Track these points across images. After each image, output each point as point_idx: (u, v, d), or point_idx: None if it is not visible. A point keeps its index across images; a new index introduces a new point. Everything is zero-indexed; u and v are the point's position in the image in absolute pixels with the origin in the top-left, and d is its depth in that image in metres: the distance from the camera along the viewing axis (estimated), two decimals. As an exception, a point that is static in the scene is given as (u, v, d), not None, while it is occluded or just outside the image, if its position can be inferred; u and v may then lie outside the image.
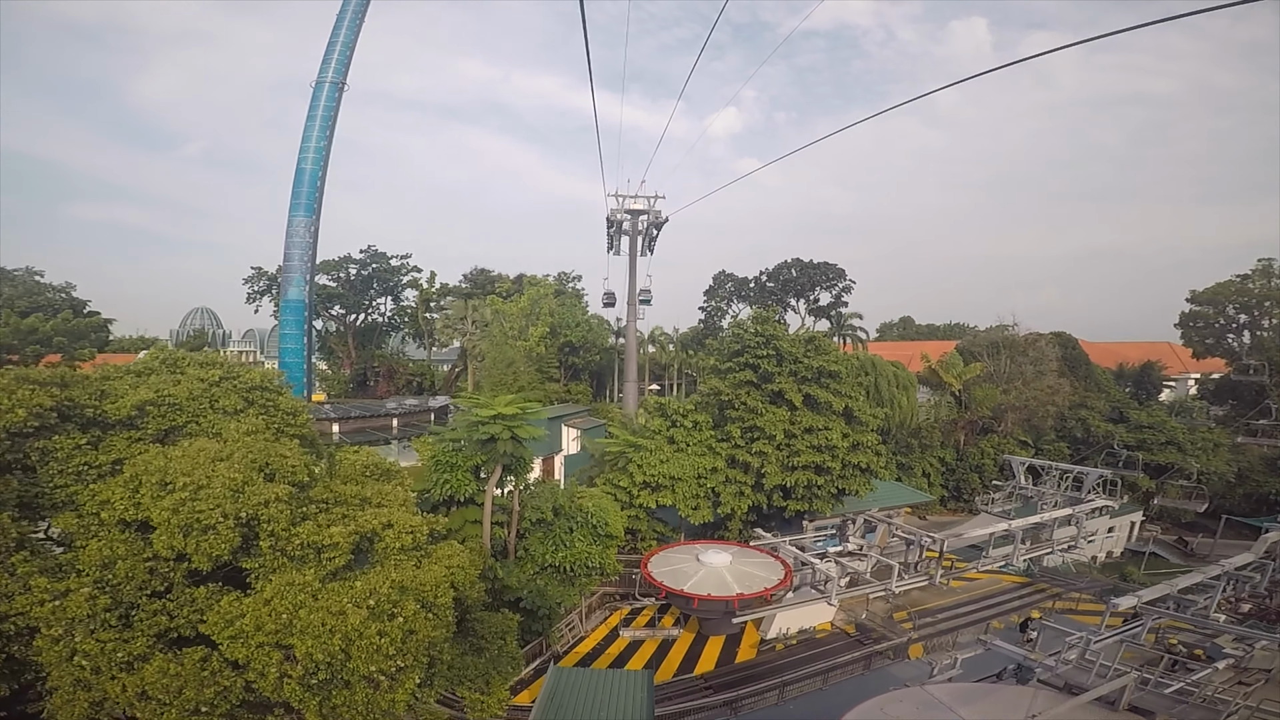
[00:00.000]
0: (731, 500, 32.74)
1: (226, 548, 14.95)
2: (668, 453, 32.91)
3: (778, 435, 31.08)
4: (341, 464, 22.19)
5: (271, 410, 20.62)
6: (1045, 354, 65.57)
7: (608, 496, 34.48)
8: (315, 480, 18.59)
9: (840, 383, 33.47)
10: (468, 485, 27.30)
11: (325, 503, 17.86)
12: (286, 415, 20.79)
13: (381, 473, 21.47)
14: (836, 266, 76.10)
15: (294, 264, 62.10)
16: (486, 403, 25.89)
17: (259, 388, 20.78)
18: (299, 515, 16.38)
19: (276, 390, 21.43)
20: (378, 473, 21.39)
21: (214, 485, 14.94)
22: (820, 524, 40.16)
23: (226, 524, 14.78)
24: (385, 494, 19.57)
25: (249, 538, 15.79)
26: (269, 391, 21.06)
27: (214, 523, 14.70)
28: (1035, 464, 43.57)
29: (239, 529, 15.16)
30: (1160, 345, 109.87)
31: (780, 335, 32.96)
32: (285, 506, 15.75)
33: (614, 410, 68.73)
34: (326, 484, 18.71)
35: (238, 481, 15.24)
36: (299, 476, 16.97)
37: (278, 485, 15.97)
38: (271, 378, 21.91)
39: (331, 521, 17.45)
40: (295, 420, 21.02)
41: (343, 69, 69.62)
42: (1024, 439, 63.98)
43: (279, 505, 15.57)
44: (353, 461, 22.03)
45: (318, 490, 17.76)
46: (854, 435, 32.95)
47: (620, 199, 64.82)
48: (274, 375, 22.16)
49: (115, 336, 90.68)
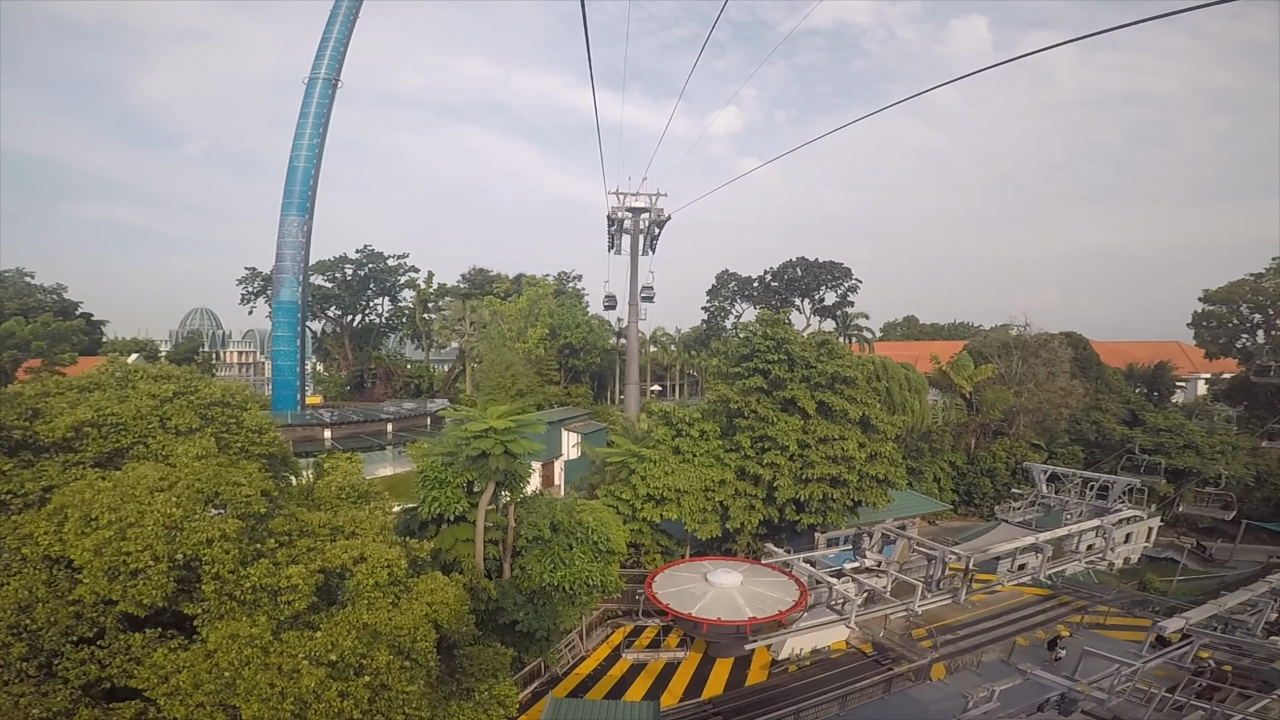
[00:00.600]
0: (741, 514, 30.37)
1: (158, 594, 12.61)
2: (673, 464, 30.56)
3: (790, 446, 28.68)
4: (317, 486, 19.87)
5: (233, 429, 18.24)
6: (1058, 355, 63.15)
7: (609, 509, 32.12)
8: (277, 509, 16.25)
9: (856, 389, 31.11)
10: (458, 503, 24.95)
11: (288, 535, 15.50)
12: (250, 434, 18.41)
13: (358, 495, 19.12)
14: (842, 265, 73.74)
15: (286, 264, 59.77)
16: (477, 415, 23.53)
17: (219, 403, 18.39)
18: (251, 553, 14.01)
19: (240, 405, 19.01)
20: (354, 495, 19.05)
21: (145, 522, 12.58)
22: (833, 536, 37.86)
23: (158, 568, 12.43)
24: (359, 521, 17.21)
25: (189, 580, 13.47)
26: (231, 408, 18.67)
27: (142, 566, 12.36)
28: (1058, 471, 41.10)
29: (175, 572, 12.84)
30: (1169, 345, 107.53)
31: (791, 338, 30.60)
32: (233, 545, 13.38)
33: (615, 413, 66.35)
34: (292, 512, 16.37)
35: (175, 517, 12.88)
36: (254, 507, 14.60)
37: (225, 520, 13.61)
38: (236, 391, 19.49)
39: (294, 558, 15.08)
40: (261, 439, 18.64)
41: (336, 65, 67.24)
42: (1036, 442, 61.57)
43: (225, 544, 13.20)
44: (328, 482, 19.69)
45: (278, 522, 15.39)
46: (871, 445, 30.58)
47: (621, 197, 62.41)
48: (238, 389, 19.73)
49: (109, 338, 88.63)
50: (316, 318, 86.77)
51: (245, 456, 17.65)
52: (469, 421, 22.92)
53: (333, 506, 18.73)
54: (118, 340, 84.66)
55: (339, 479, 19.15)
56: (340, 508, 18.70)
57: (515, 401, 57.36)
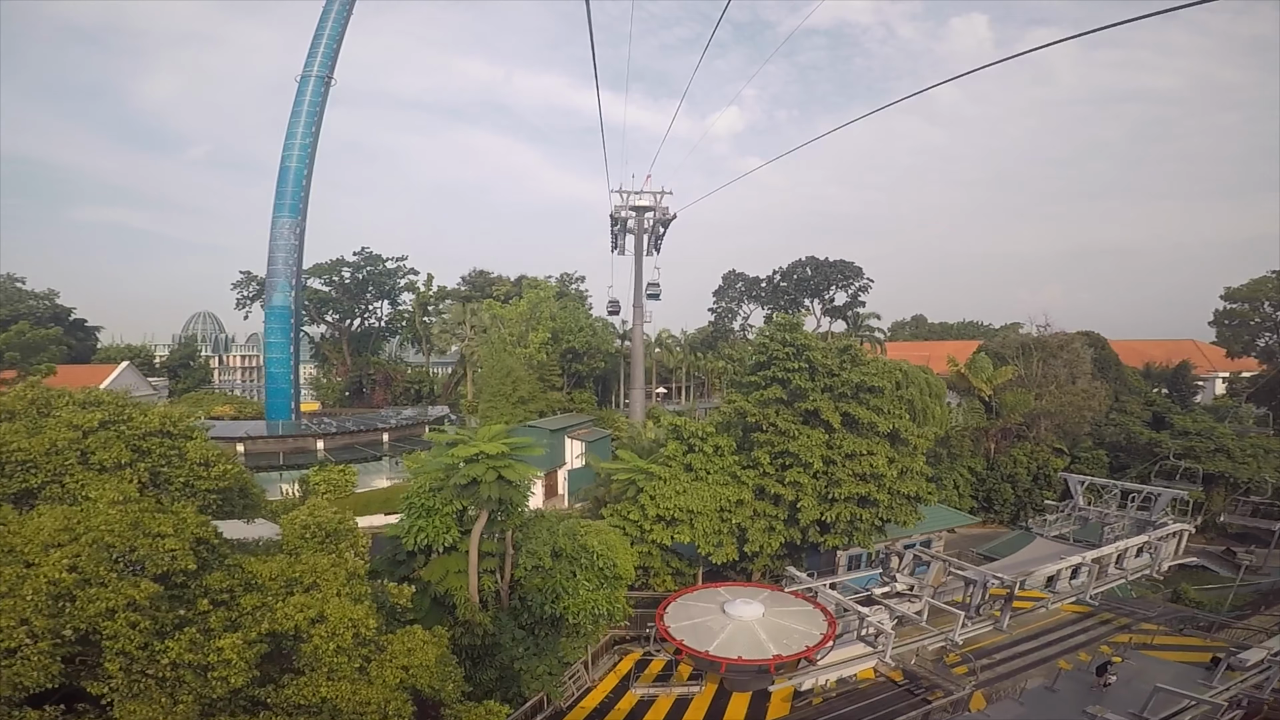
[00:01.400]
0: (760, 537, 27.42)
1: (40, 676, 9.75)
2: (684, 482, 27.63)
3: (814, 463, 25.71)
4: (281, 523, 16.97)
5: (174, 462, 15.35)
6: (1080, 356, 60.08)
7: (615, 531, 29.20)
8: (219, 559, 13.36)
9: (882, 399, 28.16)
10: (447, 533, 22.05)
11: (228, 592, 12.63)
12: (196, 468, 15.51)
13: (325, 534, 16.23)
14: (853, 265, 70.66)
15: (278, 268, 56.97)
16: (466, 437, 20.61)
17: (157, 434, 15.50)
18: (173, 621, 11.14)
19: (184, 434, 16.09)
20: (320, 534, 16.16)
21: (24, 590, 9.73)
22: (856, 554, 34.92)
23: (37, 647, 9.59)
24: (321, 571, 14.33)
25: (89, 655, 10.64)
26: (171, 438, 15.75)
27: (17, 644, 9.53)
28: (1097, 482, 38.03)
29: (64, 649, 9.99)
30: (1184, 343, 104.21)
31: (812, 345, 27.66)
32: (144, 616, 10.52)
33: (620, 419, 63.39)
34: (236, 562, 13.50)
35: (66, 583, 10.02)
36: (181, 563, 11.73)
37: (138, 583, 10.75)
38: (180, 419, 16.53)
39: (232, 621, 12.18)
40: (208, 473, 15.73)
41: (329, 63, 64.48)
42: (1058, 446, 58.45)
43: (132, 615, 10.32)
44: (291, 518, 16.78)
45: (216, 577, 12.50)
46: (901, 460, 27.63)
47: (625, 195, 59.49)
48: (182, 416, 16.74)
49: (104, 345, 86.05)
50: (314, 322, 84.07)
51: (188, 495, 14.77)
52: (457, 445, 19.99)
53: (294, 549, 15.86)
54: (112, 347, 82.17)
55: (303, 516, 16.23)
56: (303, 550, 15.83)
57: (517, 409, 54.55)
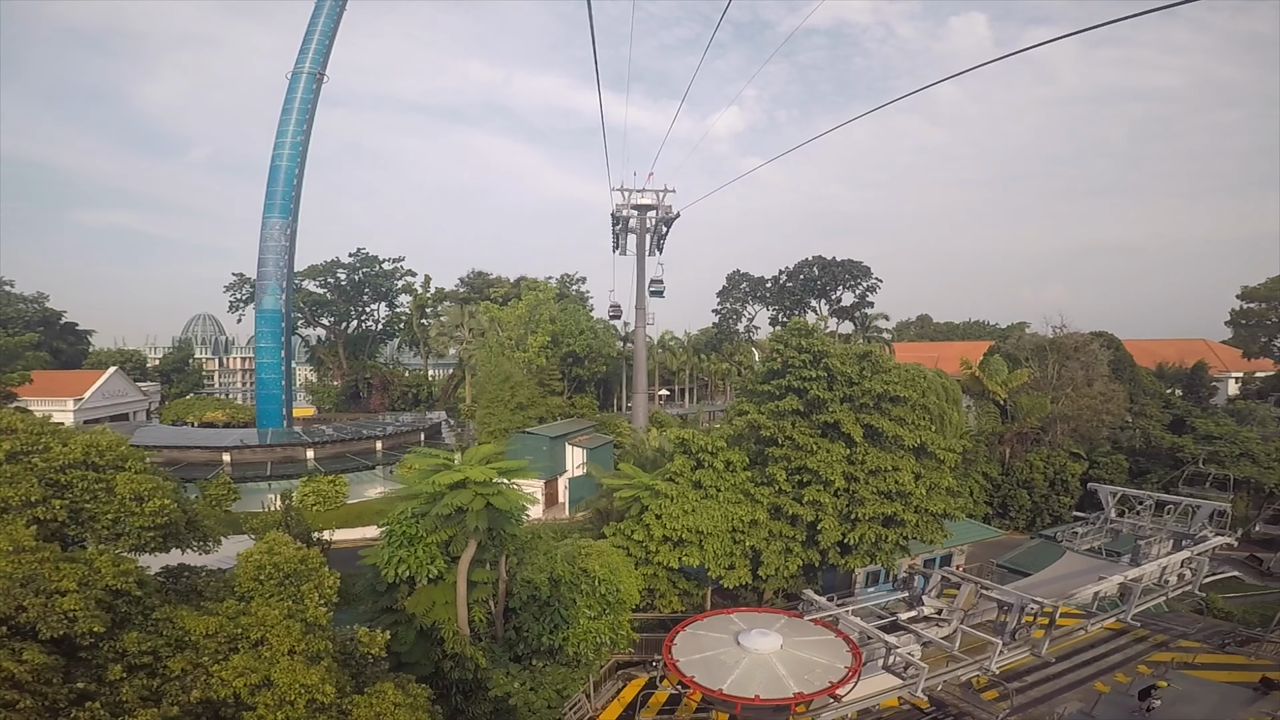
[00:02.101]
0: (775, 559, 25.06)
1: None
2: (693, 500, 25.26)
3: (836, 480, 23.37)
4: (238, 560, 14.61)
5: (99, 498, 12.96)
6: (1098, 357, 57.68)
7: (619, 552, 26.86)
8: (145, 613, 11.04)
9: (906, 409, 25.80)
10: (432, 563, 19.71)
11: (150, 655, 10.32)
12: (127, 503, 13.13)
13: (284, 576, 13.89)
14: (862, 264, 68.27)
15: (269, 270, 54.73)
16: (450, 460, 18.25)
17: (80, 465, 13.09)
18: (67, 697, 8.85)
19: (114, 465, 13.65)
20: (277, 576, 13.82)
21: None
22: (873, 570, 32.57)
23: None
24: (271, 623, 12.02)
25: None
26: (97, 470, 13.32)
27: None
28: (1130, 494, 35.55)
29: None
30: (1195, 343, 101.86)
31: (831, 350, 25.30)
32: (26, 695, 8.22)
33: (622, 424, 61.03)
34: (165, 615, 11.18)
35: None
36: (84, 625, 9.42)
37: (20, 654, 8.46)
38: (109, 447, 14.02)
39: (153, 691, 9.88)
40: (142, 509, 13.32)
41: (320, 59, 62.19)
42: (1076, 451, 56.06)
43: (8, 694, 8.05)
44: (247, 555, 14.43)
45: (133, 638, 10.19)
46: (928, 475, 25.28)
47: (626, 194, 57.13)
48: (112, 445, 14.17)
49: (96, 349, 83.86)
50: (310, 325, 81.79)
51: (115, 535, 12.45)
52: (441, 470, 17.62)
53: (247, 593, 13.54)
54: (103, 351, 79.94)
55: (259, 554, 13.88)
56: (256, 595, 13.50)
57: (515, 415, 52.19)
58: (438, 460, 18.23)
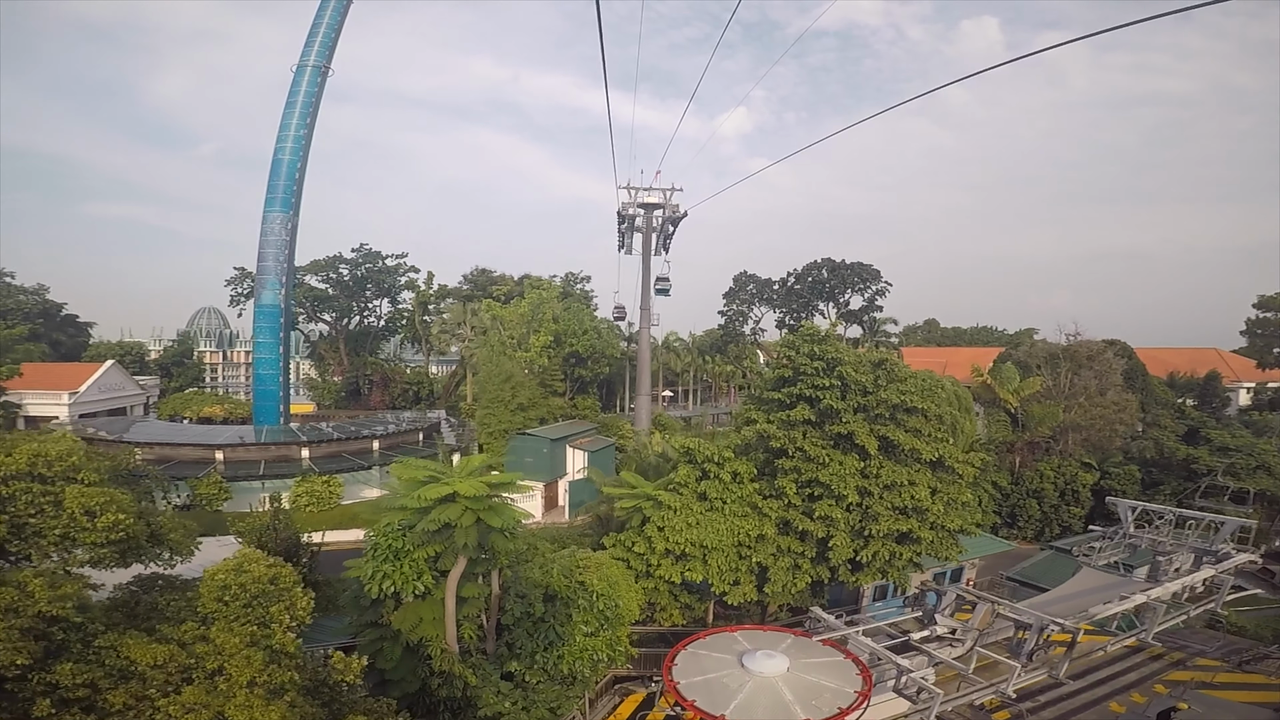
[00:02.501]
0: (783, 576, 23.74)
1: None
2: (697, 512, 23.95)
3: (849, 495, 22.03)
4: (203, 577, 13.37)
5: (45, 512, 11.62)
6: (1112, 366, 56.18)
7: (618, 564, 25.58)
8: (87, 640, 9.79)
9: (922, 420, 24.47)
10: (419, 579, 18.44)
11: (87, 687, 9.08)
12: (78, 517, 11.77)
13: (251, 598, 12.64)
14: (871, 267, 66.73)
15: (268, 265, 53.57)
16: (438, 472, 16.95)
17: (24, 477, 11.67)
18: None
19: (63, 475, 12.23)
20: (244, 598, 12.56)
21: None
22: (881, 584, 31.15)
23: None
24: (230, 652, 10.77)
25: None
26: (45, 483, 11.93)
27: None
28: (1151, 509, 34.11)
29: None
30: (1206, 351, 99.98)
31: (845, 358, 23.96)
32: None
33: (625, 426, 59.76)
34: (110, 643, 9.94)
35: None
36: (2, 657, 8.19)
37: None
38: (60, 458, 12.41)
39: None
40: (94, 524, 11.96)
41: (326, 52, 60.97)
42: (1087, 461, 54.58)
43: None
44: (212, 574, 13.17)
45: (66, 670, 8.95)
46: (945, 490, 23.94)
47: (633, 192, 55.84)
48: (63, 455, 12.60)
49: (96, 341, 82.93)
50: (312, 320, 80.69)
51: (64, 551, 11.21)
52: (429, 483, 16.32)
53: (209, 615, 12.30)
54: (102, 343, 78.97)
55: (224, 574, 12.63)
56: (219, 619, 12.26)
57: (515, 416, 50.97)
58: (426, 471, 16.93)
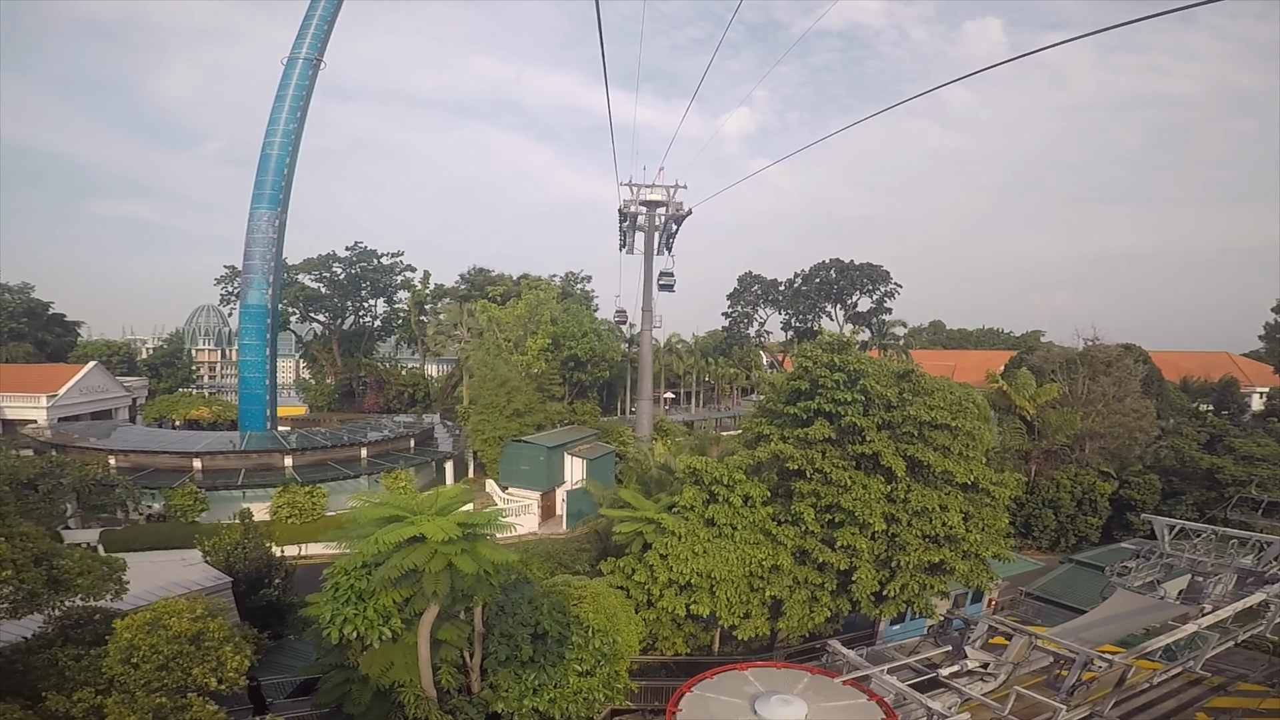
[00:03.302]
0: (799, 610, 21.25)
1: None
2: (704, 539, 21.45)
3: (875, 523, 19.53)
4: (112, 641, 10.91)
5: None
6: (1132, 372, 53.70)
7: (617, 593, 23.08)
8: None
9: (950, 436, 21.97)
10: (385, 624, 15.92)
11: None
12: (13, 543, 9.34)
13: (166, 660, 10.15)
14: (881, 268, 64.10)
15: (255, 264, 51.10)
16: (401, 510, 14.29)
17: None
18: None
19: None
20: (157, 659, 10.08)
21: None
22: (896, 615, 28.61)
23: None
24: None
25: None
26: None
27: None
28: (1191, 527, 31.54)
29: None
30: (1218, 355, 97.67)
31: (868, 369, 21.41)
32: None
33: (626, 432, 57.20)
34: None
35: None
36: None
37: None
38: None
39: None
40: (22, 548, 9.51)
41: (319, 44, 58.46)
42: (1105, 470, 52.14)
43: None
44: (118, 635, 10.69)
45: None
46: (979, 514, 21.45)
47: (635, 189, 53.28)
48: None
49: (84, 340, 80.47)
50: (305, 320, 78.16)
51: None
52: (388, 524, 13.69)
53: (113, 681, 9.82)
54: (90, 343, 76.45)
55: (130, 634, 10.13)
56: (121, 686, 9.77)
57: (511, 422, 48.49)
58: (387, 508, 14.34)
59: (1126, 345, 65.26)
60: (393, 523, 13.50)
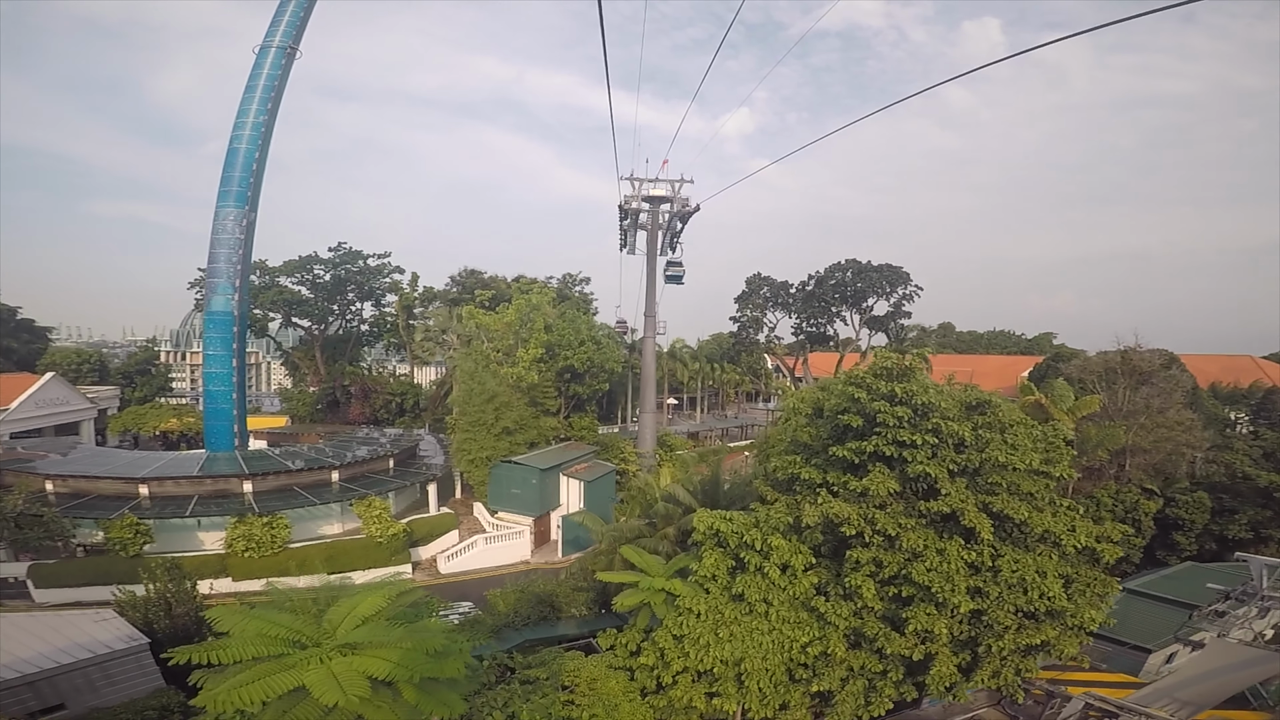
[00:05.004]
0: (853, 702, 16.46)
1: None
2: (730, 618, 16.67)
3: (960, 603, 14.66)
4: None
5: None
6: (1179, 382, 48.99)
7: (619, 675, 18.27)
8: None
9: (1044, 486, 17.20)
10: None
11: None
12: None
13: None
14: (900, 270, 59.28)
15: (220, 267, 46.21)
16: (299, 637, 9.44)
17: None
18: None
19: None
20: None
21: None
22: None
23: None
24: None
25: None
26: None
27: None
28: None
29: None
30: (1240, 359, 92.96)
31: (939, 402, 16.53)
32: None
33: (627, 447, 52.26)
34: None
35: None
36: None
37: None
38: None
39: None
40: None
41: (293, 31, 53.29)
42: (1149, 487, 47.44)
43: None
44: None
45: None
46: (1081, 578, 16.69)
47: (636, 183, 48.41)
48: None
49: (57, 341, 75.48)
50: (286, 325, 73.27)
51: None
52: (280, 658, 8.80)
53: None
54: (60, 349, 71.50)
55: None
56: None
57: (500, 441, 43.65)
58: (283, 628, 9.44)
59: (1159, 351, 60.58)
60: (278, 659, 8.61)
